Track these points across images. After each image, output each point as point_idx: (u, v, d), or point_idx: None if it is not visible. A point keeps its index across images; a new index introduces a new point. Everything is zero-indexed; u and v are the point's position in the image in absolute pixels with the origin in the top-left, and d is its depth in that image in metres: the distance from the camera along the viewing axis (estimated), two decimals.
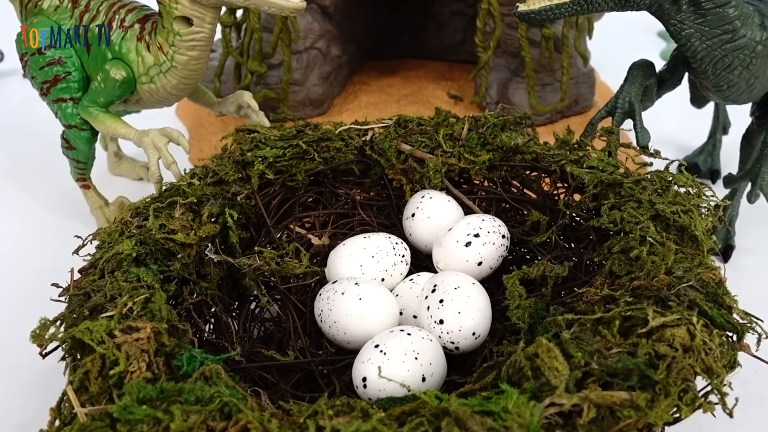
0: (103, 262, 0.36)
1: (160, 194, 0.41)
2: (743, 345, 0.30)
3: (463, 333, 0.36)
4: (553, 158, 0.44)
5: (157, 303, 0.33)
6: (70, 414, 0.28)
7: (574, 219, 0.43)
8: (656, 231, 0.36)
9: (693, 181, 0.40)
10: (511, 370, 0.28)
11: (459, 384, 0.34)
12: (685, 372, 0.26)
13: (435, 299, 0.37)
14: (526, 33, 0.67)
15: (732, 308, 0.31)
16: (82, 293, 0.34)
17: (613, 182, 0.40)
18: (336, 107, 0.76)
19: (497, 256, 0.42)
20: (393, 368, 0.33)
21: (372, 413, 0.26)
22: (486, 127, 0.47)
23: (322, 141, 0.47)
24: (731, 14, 0.44)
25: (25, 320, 0.36)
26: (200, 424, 0.25)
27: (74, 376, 0.29)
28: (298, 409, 0.27)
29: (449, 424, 0.24)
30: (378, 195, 0.49)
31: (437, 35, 0.85)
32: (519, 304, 0.36)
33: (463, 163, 0.46)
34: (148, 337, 0.30)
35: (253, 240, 0.45)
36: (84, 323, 0.30)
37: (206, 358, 0.30)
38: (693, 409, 0.26)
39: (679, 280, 0.32)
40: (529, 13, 0.44)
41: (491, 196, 0.48)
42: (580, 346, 0.28)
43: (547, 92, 0.71)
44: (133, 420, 0.25)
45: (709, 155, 0.67)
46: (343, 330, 0.38)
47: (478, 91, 0.74)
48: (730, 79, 0.47)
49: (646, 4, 0.44)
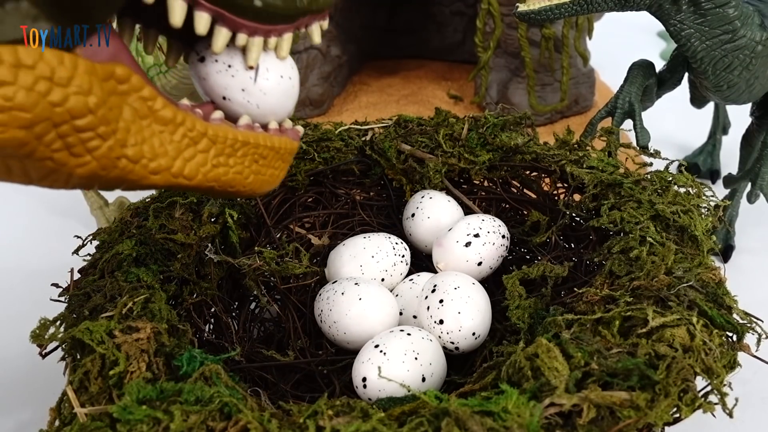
0: (103, 263, 0.36)
1: (160, 194, 0.41)
2: (743, 345, 0.30)
3: (463, 333, 0.36)
4: (553, 158, 0.44)
5: (157, 303, 0.33)
6: (69, 414, 0.28)
7: (574, 219, 0.43)
8: (656, 231, 0.36)
9: (693, 181, 0.40)
10: (511, 370, 0.28)
11: (459, 384, 0.34)
12: (685, 372, 0.26)
13: (435, 299, 0.37)
14: (526, 33, 0.67)
15: (732, 308, 0.31)
16: (82, 293, 0.34)
17: (613, 182, 0.40)
18: (336, 107, 0.76)
19: (497, 256, 0.42)
20: (393, 368, 0.33)
21: (372, 413, 0.26)
22: (486, 127, 0.47)
23: (322, 141, 0.47)
24: (731, 14, 0.44)
25: (25, 320, 0.36)
26: (200, 425, 0.25)
27: (74, 376, 0.29)
28: (298, 409, 0.27)
29: (449, 425, 0.24)
30: (378, 195, 0.49)
31: (437, 35, 0.86)
32: (519, 305, 0.36)
33: (463, 163, 0.46)
34: (148, 337, 0.30)
35: (253, 240, 0.45)
36: (84, 323, 0.30)
37: (206, 358, 0.29)
38: (693, 410, 0.26)
39: (679, 280, 0.32)
40: (529, 14, 0.44)
41: (491, 196, 0.48)
42: (580, 346, 0.28)
43: (547, 92, 0.71)
44: (132, 420, 0.25)
45: (709, 155, 0.67)
46: (343, 330, 0.38)
47: (478, 91, 0.74)
48: (730, 79, 0.47)
49: (646, 4, 0.45)
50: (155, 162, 0.26)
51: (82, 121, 0.23)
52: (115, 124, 0.24)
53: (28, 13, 0.22)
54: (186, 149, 0.27)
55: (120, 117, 0.25)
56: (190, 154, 0.28)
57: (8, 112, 0.21)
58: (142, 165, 0.26)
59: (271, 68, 0.31)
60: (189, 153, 0.28)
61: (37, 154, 0.23)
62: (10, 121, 0.21)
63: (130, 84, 0.25)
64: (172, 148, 0.27)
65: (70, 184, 0.25)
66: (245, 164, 0.30)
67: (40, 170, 0.24)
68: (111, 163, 0.25)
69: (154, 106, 0.26)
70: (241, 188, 0.30)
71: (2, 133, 0.22)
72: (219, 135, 0.29)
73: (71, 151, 0.24)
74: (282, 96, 0.32)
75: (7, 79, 0.21)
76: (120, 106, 0.25)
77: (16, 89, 0.21)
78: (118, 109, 0.25)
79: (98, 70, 0.24)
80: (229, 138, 0.29)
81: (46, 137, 0.23)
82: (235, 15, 0.27)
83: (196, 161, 0.28)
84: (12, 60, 0.21)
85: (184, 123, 0.27)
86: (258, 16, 0.28)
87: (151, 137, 0.26)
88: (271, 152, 0.31)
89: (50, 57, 0.22)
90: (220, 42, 0.28)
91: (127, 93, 0.25)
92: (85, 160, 0.24)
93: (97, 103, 0.23)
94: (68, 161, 0.24)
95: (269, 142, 0.31)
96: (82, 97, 0.23)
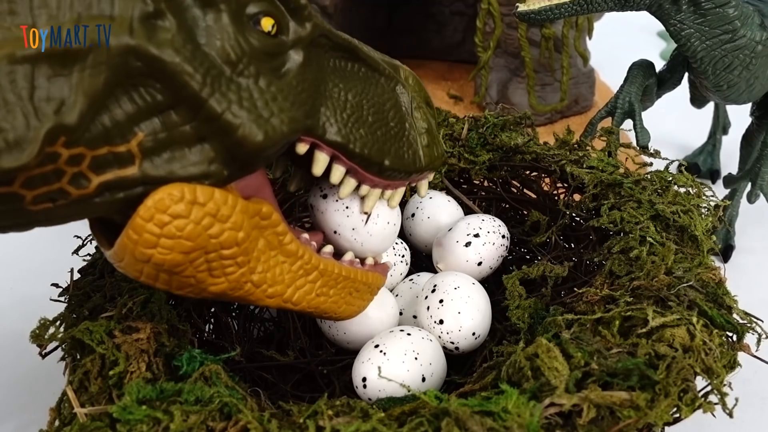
0: (103, 262, 0.36)
1: None
2: (743, 345, 0.30)
3: (463, 333, 0.36)
4: (553, 158, 0.44)
5: (156, 303, 0.33)
6: (69, 414, 0.28)
7: (574, 219, 0.43)
8: (656, 231, 0.36)
9: (693, 181, 0.40)
10: (511, 370, 0.28)
11: (459, 384, 0.34)
12: (685, 372, 0.26)
13: (435, 299, 0.37)
14: (526, 33, 0.67)
15: (732, 308, 0.31)
16: (82, 293, 0.34)
17: (613, 182, 0.40)
18: None
19: (497, 256, 0.42)
20: (393, 368, 0.33)
21: (372, 413, 0.26)
22: (486, 127, 0.47)
23: None
24: (731, 14, 0.44)
25: (25, 320, 0.36)
26: (200, 425, 0.25)
27: (74, 376, 0.29)
28: (298, 409, 0.27)
29: (449, 425, 0.24)
30: None
31: (437, 35, 0.85)
32: (519, 304, 0.36)
33: (463, 163, 0.46)
34: (147, 337, 0.30)
35: None
36: (84, 323, 0.30)
37: (206, 358, 0.30)
38: (693, 409, 0.26)
39: (679, 280, 0.32)
40: (529, 14, 0.44)
41: (491, 196, 0.48)
42: (580, 346, 0.27)
43: (547, 92, 0.71)
44: (132, 420, 0.25)
45: (709, 155, 0.67)
46: (343, 330, 0.38)
47: (478, 91, 0.74)
48: (729, 79, 0.47)
49: (646, 4, 0.44)
50: (273, 288, 0.29)
51: (228, 251, 0.26)
52: (251, 254, 0.28)
53: (207, 157, 0.25)
54: (299, 279, 0.31)
55: (256, 248, 0.28)
56: (301, 283, 0.31)
57: (176, 240, 0.25)
58: (262, 290, 0.29)
59: (381, 215, 0.35)
60: (301, 283, 0.31)
61: (186, 272, 0.26)
62: (175, 247, 0.25)
63: (270, 221, 0.28)
64: (289, 277, 0.30)
65: (200, 296, 0.28)
66: (341, 295, 0.33)
67: (182, 284, 0.27)
68: (239, 286, 0.28)
69: (284, 241, 0.29)
70: (333, 315, 0.34)
71: (166, 255, 0.25)
72: (328, 269, 0.32)
73: (212, 273, 0.27)
74: (385, 239, 0.36)
75: (183, 214, 0.24)
76: (257, 239, 0.28)
77: (188, 222, 0.25)
78: (257, 241, 0.28)
79: (249, 208, 0.27)
80: (335, 272, 0.32)
81: (197, 261, 0.26)
82: (364, 170, 0.31)
83: (305, 290, 0.31)
84: (190, 198, 0.25)
85: (303, 256, 0.30)
86: (382, 173, 0.32)
87: (275, 266, 0.29)
88: (364, 286, 0.34)
89: (219, 197, 0.25)
90: (347, 190, 0.32)
91: (266, 228, 0.28)
92: (220, 281, 0.27)
93: (244, 238, 0.27)
94: (206, 280, 0.27)
95: (365, 278, 0.34)
96: (234, 233, 0.26)
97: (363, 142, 0.30)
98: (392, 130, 0.32)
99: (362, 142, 0.30)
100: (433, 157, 0.34)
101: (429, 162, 0.34)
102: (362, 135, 0.30)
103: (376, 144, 0.31)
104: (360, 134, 0.30)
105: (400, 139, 0.32)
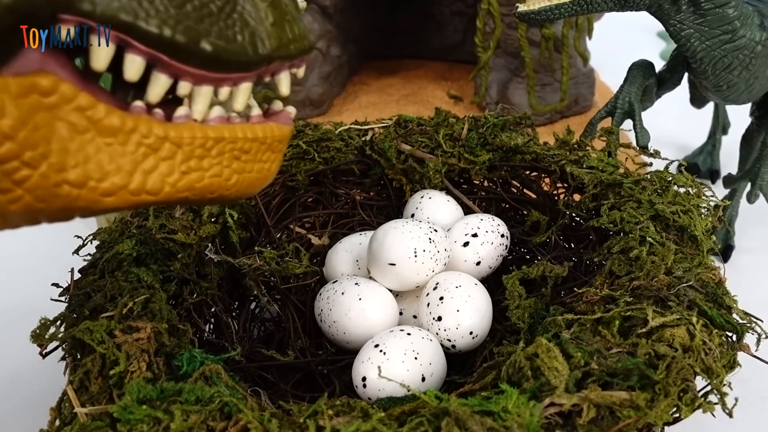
0: (103, 262, 0.36)
1: None
2: (743, 345, 0.30)
3: (461, 331, 0.36)
4: (553, 158, 0.44)
5: (157, 303, 0.33)
6: (70, 414, 0.28)
7: (573, 219, 0.43)
8: (656, 231, 0.36)
9: (693, 181, 0.40)
10: (511, 370, 0.28)
11: (459, 384, 0.34)
12: (684, 372, 0.26)
13: (435, 296, 0.37)
14: (526, 33, 0.67)
15: (732, 308, 0.31)
16: (82, 293, 0.34)
17: (613, 182, 0.40)
18: (336, 107, 0.76)
19: (496, 256, 0.42)
20: (393, 368, 0.33)
21: (372, 413, 0.26)
22: (486, 127, 0.47)
23: (322, 141, 0.47)
24: (731, 14, 0.45)
25: (25, 320, 0.36)
26: (200, 424, 0.25)
27: (74, 376, 0.29)
28: (298, 409, 0.27)
29: (449, 424, 0.24)
30: (378, 195, 0.50)
31: (437, 35, 0.86)
32: (519, 304, 0.36)
33: (463, 163, 0.46)
34: (148, 337, 0.30)
35: (253, 240, 0.45)
36: (84, 323, 0.30)
37: (206, 358, 0.30)
38: (693, 409, 0.26)
39: (679, 280, 0.32)
40: (529, 14, 0.44)
41: (491, 196, 0.48)
42: (580, 346, 0.28)
43: (547, 92, 0.71)
44: (133, 420, 0.25)
45: (708, 155, 0.67)
46: (343, 330, 0.38)
47: (478, 91, 0.74)
48: (729, 79, 0.47)
49: (646, 4, 0.45)
50: (106, 182, 0.22)
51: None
52: (45, 146, 0.21)
53: None
54: (144, 160, 0.23)
55: (52, 137, 0.21)
56: (150, 165, 0.23)
57: None
58: (90, 188, 0.22)
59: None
60: (149, 164, 0.23)
61: None
62: None
63: (59, 95, 0.21)
64: (126, 161, 0.23)
65: (10, 223, 0.22)
66: (224, 164, 0.25)
67: None
68: (49, 193, 0.21)
69: (95, 116, 0.22)
70: (225, 192, 0.26)
71: None
72: (184, 136, 0.24)
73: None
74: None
75: None
76: (50, 124, 0.21)
77: None
78: (48, 127, 0.21)
79: (11, 85, 0.20)
80: (198, 137, 0.24)
81: None
82: (176, 60, 0.23)
83: (160, 172, 0.23)
84: None
85: (136, 129, 0.23)
86: (206, 63, 0.23)
87: (97, 153, 0.22)
88: (255, 144, 0.26)
89: None
90: (156, 90, 0.23)
91: (57, 106, 0.21)
92: (16, 194, 0.21)
93: (14, 126, 0.20)
94: None
95: (250, 134, 0.26)
96: None
97: (161, 19, 0.22)
98: (212, 2, 0.23)
99: (160, 18, 0.22)
100: (285, 39, 0.26)
101: (278, 46, 0.25)
102: (159, 8, 0.22)
103: (184, 21, 0.22)
104: (155, 7, 0.22)
105: (228, 15, 0.24)
